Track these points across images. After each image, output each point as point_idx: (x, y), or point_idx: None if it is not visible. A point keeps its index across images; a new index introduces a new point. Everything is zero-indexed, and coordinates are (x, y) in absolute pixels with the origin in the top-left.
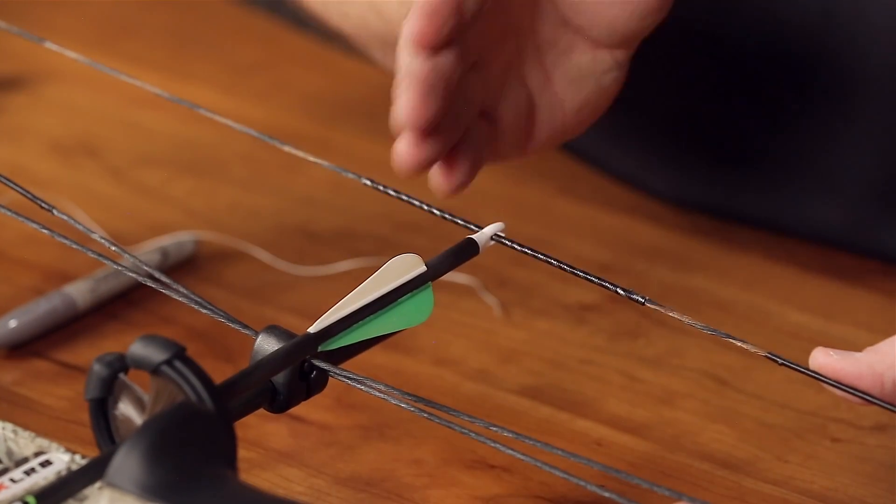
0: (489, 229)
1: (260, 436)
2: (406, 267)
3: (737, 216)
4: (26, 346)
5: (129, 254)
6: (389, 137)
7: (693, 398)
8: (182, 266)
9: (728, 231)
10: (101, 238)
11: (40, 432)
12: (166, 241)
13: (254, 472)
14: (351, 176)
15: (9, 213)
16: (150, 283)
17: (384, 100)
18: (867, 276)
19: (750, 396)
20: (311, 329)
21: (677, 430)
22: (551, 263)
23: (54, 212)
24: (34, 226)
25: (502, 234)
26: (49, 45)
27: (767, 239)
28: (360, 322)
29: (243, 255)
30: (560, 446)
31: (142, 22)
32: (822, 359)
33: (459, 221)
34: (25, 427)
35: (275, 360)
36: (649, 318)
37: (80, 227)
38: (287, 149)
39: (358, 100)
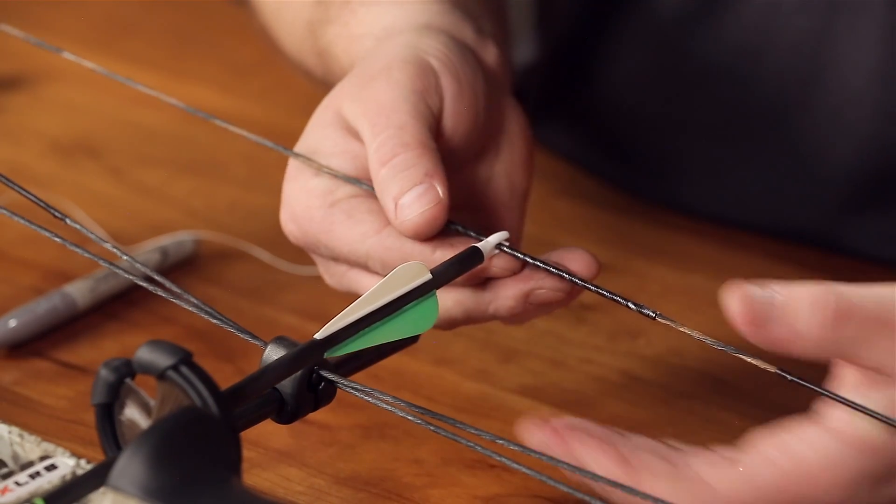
0: (494, 238)
1: (260, 435)
2: (411, 275)
3: (732, 222)
4: (26, 346)
5: (132, 259)
6: None
7: (693, 398)
8: (182, 265)
9: (728, 231)
10: (111, 246)
11: (40, 432)
12: (166, 240)
13: (254, 471)
14: (355, 183)
15: (14, 217)
16: (158, 291)
17: None
18: (866, 275)
19: (750, 396)
20: (317, 336)
21: (677, 430)
22: (558, 274)
23: (67, 221)
24: (39, 230)
25: (507, 244)
26: (67, 55)
27: (767, 239)
28: (366, 329)
29: (243, 255)
30: None
31: (142, 22)
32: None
33: (472, 234)
34: (26, 427)
35: (281, 367)
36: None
37: (88, 233)
38: (292, 156)
39: None
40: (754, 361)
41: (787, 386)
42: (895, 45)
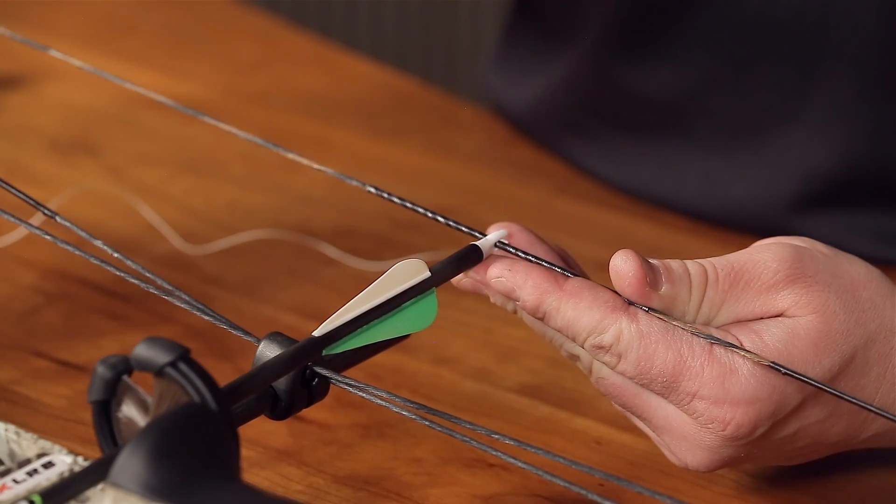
0: (493, 236)
1: (259, 434)
2: (410, 272)
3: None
4: (25, 345)
5: (123, 257)
6: (388, 136)
7: None
8: (181, 265)
9: (727, 230)
10: (101, 243)
11: (39, 431)
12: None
13: (253, 470)
14: (355, 183)
15: (12, 219)
16: (150, 289)
17: (384, 99)
18: None
19: None
20: (316, 333)
21: None
22: (563, 271)
23: (57, 218)
24: (32, 229)
25: (505, 241)
26: (54, 52)
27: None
28: (365, 326)
29: (242, 254)
30: (559, 445)
31: (141, 21)
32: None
33: (463, 228)
34: (25, 426)
35: (279, 364)
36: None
37: (83, 234)
38: (291, 156)
39: (357, 99)
40: (748, 355)
41: None
42: (886, 62)
